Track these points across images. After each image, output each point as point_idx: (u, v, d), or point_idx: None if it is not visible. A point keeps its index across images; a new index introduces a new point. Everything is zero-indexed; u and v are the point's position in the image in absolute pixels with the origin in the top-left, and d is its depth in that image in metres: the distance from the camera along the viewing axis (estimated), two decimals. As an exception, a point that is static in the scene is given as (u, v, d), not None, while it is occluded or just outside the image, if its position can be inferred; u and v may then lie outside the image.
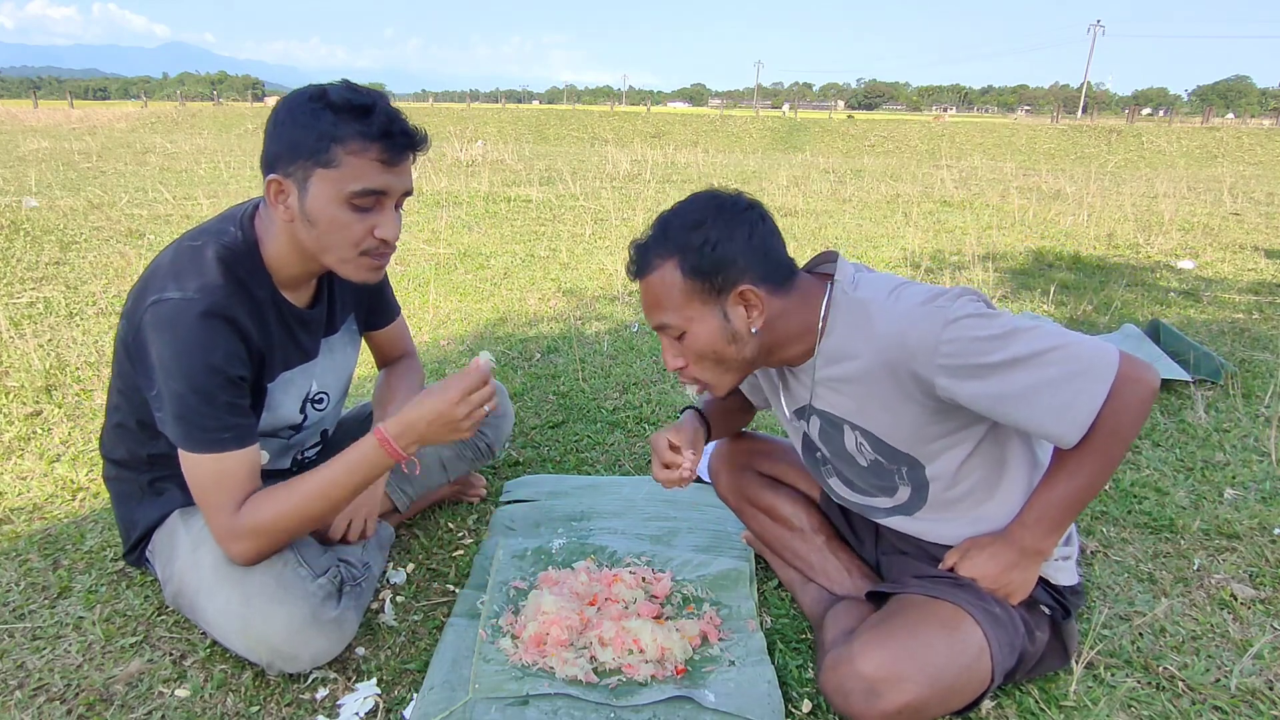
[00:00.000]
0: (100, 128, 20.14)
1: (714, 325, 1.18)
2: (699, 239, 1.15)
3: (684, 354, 1.23)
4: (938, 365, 1.08)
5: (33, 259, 4.28)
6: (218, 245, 1.25)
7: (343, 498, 1.28)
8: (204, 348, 1.18)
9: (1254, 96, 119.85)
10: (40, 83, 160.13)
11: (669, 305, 1.18)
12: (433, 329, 3.41)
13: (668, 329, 1.21)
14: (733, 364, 1.22)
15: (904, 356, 1.11)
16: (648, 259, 1.19)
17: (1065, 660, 1.30)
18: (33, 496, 1.89)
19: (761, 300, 1.17)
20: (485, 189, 7.83)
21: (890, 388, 1.16)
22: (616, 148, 16.51)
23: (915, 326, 1.10)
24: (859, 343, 1.17)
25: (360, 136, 1.16)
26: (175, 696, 1.27)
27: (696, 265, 1.15)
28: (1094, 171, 13.65)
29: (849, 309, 1.18)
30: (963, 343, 1.07)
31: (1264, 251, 5.60)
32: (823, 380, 1.24)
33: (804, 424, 1.34)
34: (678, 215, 1.19)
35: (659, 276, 1.18)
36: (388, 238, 1.24)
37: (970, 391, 1.08)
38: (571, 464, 2.19)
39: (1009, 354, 1.06)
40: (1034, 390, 1.06)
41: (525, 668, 1.32)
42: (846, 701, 1.12)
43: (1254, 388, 2.79)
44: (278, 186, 1.20)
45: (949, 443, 1.20)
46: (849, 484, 1.37)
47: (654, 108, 42.43)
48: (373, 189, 1.19)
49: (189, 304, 1.18)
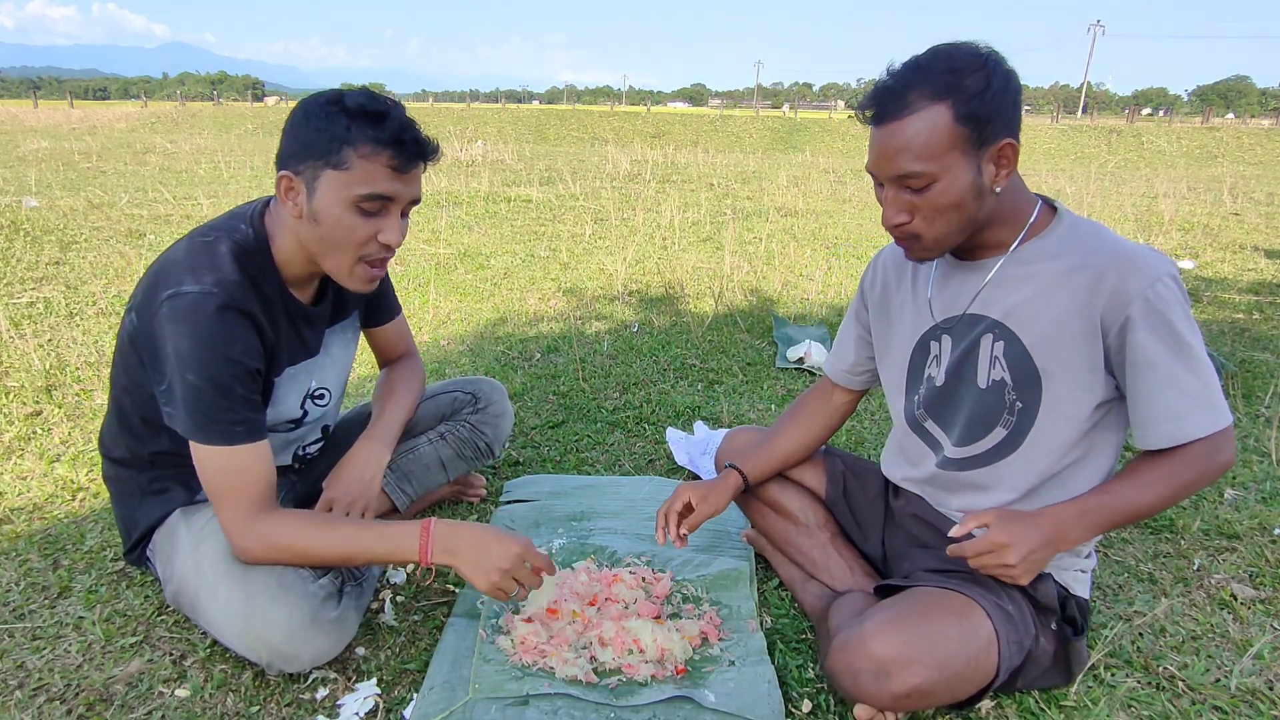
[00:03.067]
0: (100, 128, 20.14)
1: (967, 179, 1.10)
2: (978, 83, 1.06)
3: (917, 208, 1.12)
4: (1145, 294, 1.09)
5: (33, 259, 4.28)
6: (230, 241, 1.26)
7: (360, 559, 1.30)
8: (223, 340, 1.19)
9: (1254, 96, 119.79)
10: (40, 83, 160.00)
11: (925, 152, 1.07)
12: (433, 329, 3.41)
13: (913, 178, 1.10)
14: (966, 223, 1.14)
15: (1121, 268, 1.10)
16: (904, 100, 1.07)
17: (1067, 680, 1.29)
18: (33, 496, 1.89)
19: (1014, 159, 1.11)
20: (485, 189, 7.83)
21: (1078, 295, 1.14)
22: (616, 148, 16.51)
23: (1145, 254, 1.12)
24: (1074, 247, 1.16)
25: (372, 141, 1.17)
26: (175, 696, 1.27)
27: (972, 111, 1.06)
28: (1094, 171, 13.65)
29: (1074, 222, 1.19)
30: (1175, 295, 1.10)
31: (1264, 251, 5.60)
32: (1003, 275, 1.21)
33: (934, 345, 1.31)
34: (939, 59, 1.09)
35: (919, 120, 1.07)
36: (391, 243, 1.25)
37: (1140, 339, 1.10)
38: (571, 464, 2.19)
39: (1190, 338, 1.10)
40: (1173, 382, 1.10)
41: (525, 668, 1.32)
42: (856, 682, 1.11)
43: (1254, 388, 2.79)
44: (288, 183, 1.22)
45: (1077, 387, 1.18)
46: (941, 419, 1.33)
47: (654, 108, 42.43)
48: (380, 194, 1.20)
49: (208, 297, 1.19)
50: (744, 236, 5.76)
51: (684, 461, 2.17)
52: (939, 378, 1.31)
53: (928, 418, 1.36)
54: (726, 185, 9.17)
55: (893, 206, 1.14)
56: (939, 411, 1.34)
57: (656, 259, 4.95)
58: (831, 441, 1.65)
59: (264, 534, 1.24)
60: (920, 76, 1.08)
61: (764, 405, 2.63)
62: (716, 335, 3.42)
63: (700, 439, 2.26)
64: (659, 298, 4.03)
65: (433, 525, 1.27)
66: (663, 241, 5.47)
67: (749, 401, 2.66)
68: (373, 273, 1.29)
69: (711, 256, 5.04)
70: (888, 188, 1.14)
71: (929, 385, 1.34)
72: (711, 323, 3.58)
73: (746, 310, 3.79)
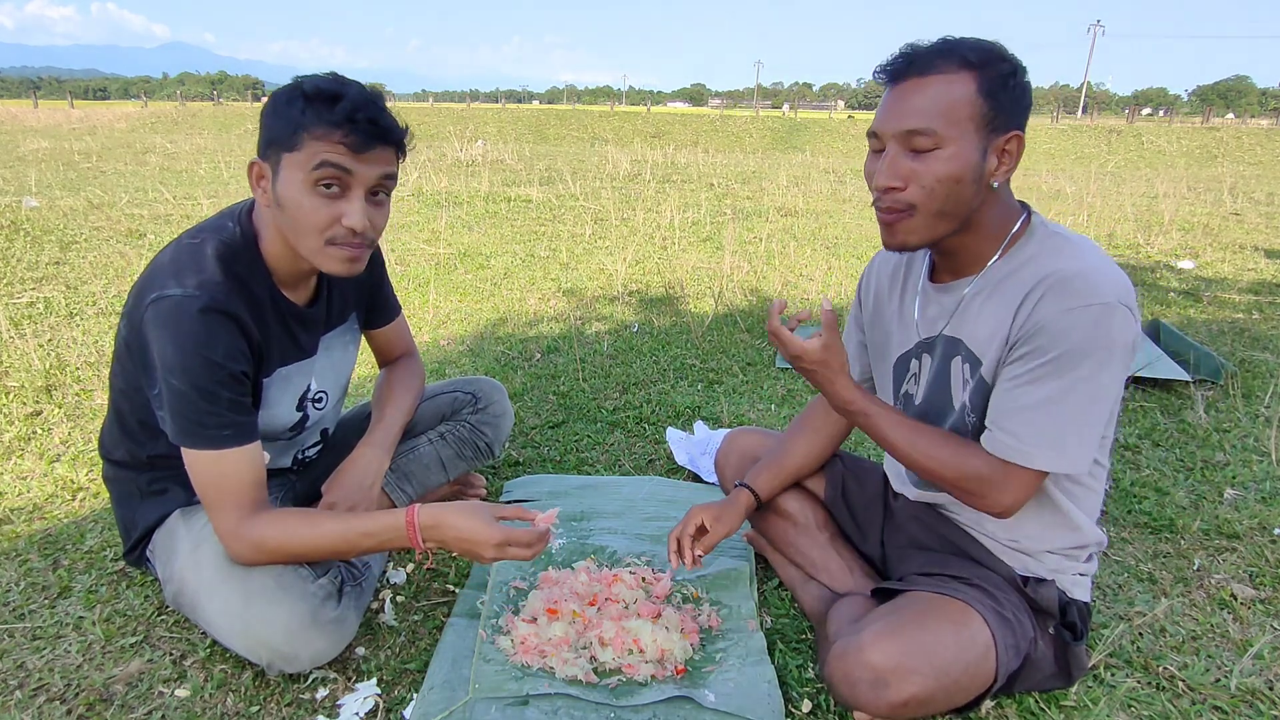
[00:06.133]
0: (100, 128, 20.14)
1: (973, 157, 1.08)
2: (1006, 69, 1.07)
3: (914, 176, 1.09)
4: (1057, 318, 1.06)
5: (33, 259, 4.28)
6: (217, 242, 1.26)
7: (352, 553, 1.29)
8: (205, 344, 1.18)
9: (1254, 96, 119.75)
10: (40, 83, 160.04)
11: (941, 112, 1.06)
12: (433, 329, 3.41)
13: (920, 136, 1.07)
14: (956, 208, 1.11)
15: (1047, 294, 1.08)
16: (933, 62, 1.07)
17: (1067, 683, 1.29)
18: (33, 496, 1.89)
19: (1017, 156, 1.11)
20: (485, 189, 7.83)
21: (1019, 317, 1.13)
22: (616, 148, 16.51)
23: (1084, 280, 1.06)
24: (1035, 266, 1.14)
25: (326, 123, 1.16)
26: (175, 696, 1.27)
27: (995, 91, 1.06)
28: (1094, 171, 13.65)
29: (1043, 237, 1.16)
30: (1088, 323, 1.04)
31: (1264, 251, 5.60)
32: (972, 297, 1.20)
33: (914, 364, 1.32)
34: (969, 41, 1.10)
35: (945, 80, 1.06)
36: (355, 226, 1.20)
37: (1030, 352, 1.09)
38: (571, 464, 2.19)
39: (1082, 369, 1.06)
40: (1046, 404, 1.08)
41: (525, 668, 1.32)
42: (853, 691, 1.11)
43: (1254, 388, 2.79)
44: (258, 170, 1.23)
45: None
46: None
47: (654, 108, 42.43)
48: (328, 162, 1.16)
49: (189, 300, 1.18)
50: (744, 236, 5.76)
51: (684, 461, 2.17)
52: (917, 396, 1.33)
53: None
54: (726, 185, 9.16)
55: (890, 168, 1.10)
56: None
57: (656, 259, 4.95)
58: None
59: (254, 538, 1.24)
60: (951, 48, 1.09)
61: (764, 405, 2.63)
62: (716, 335, 3.42)
63: (700, 439, 2.26)
64: (659, 298, 4.03)
65: (416, 516, 1.25)
66: (663, 241, 5.46)
67: (749, 401, 2.66)
68: (348, 253, 1.24)
69: (711, 256, 5.04)
70: (890, 146, 1.11)
71: (908, 403, 1.35)
72: (711, 323, 3.58)
73: (746, 310, 3.79)
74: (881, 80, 1.14)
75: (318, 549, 1.27)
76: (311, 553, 1.27)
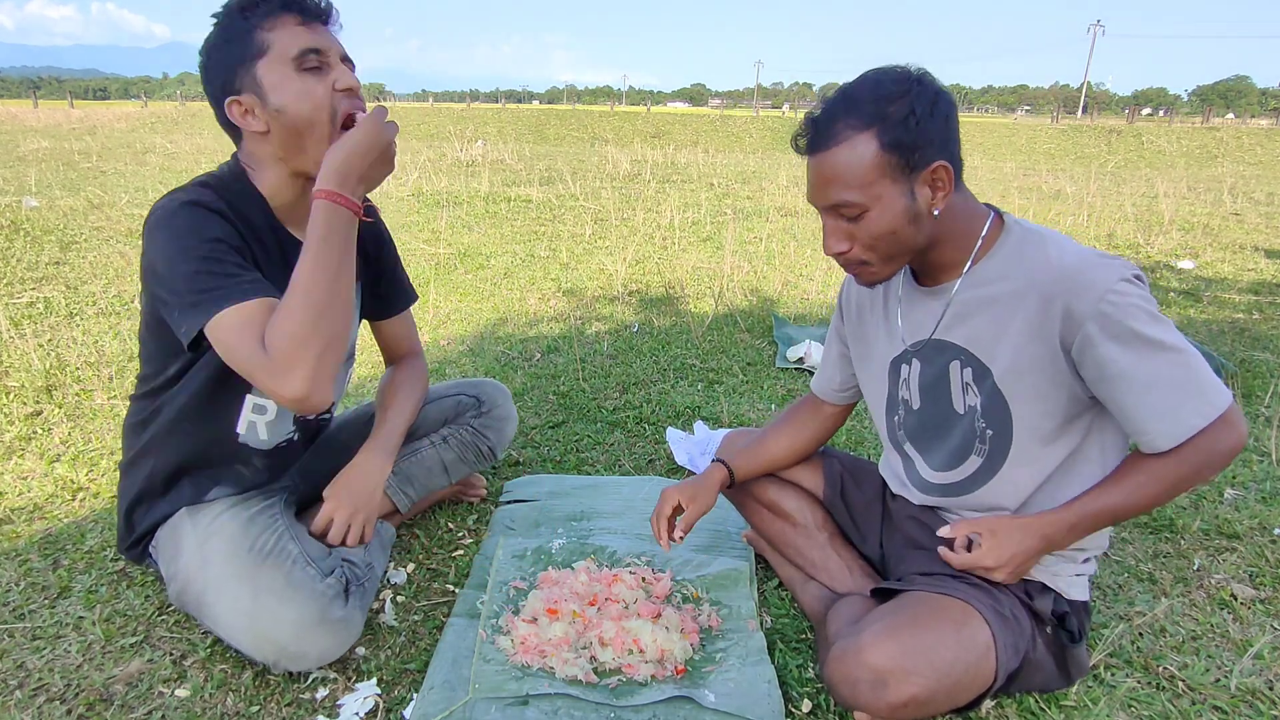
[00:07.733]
0: (100, 128, 20.13)
1: (900, 205, 1.11)
2: (902, 110, 1.07)
3: (855, 236, 1.14)
4: (1098, 309, 1.06)
5: (33, 259, 4.28)
6: (205, 177, 1.30)
7: (333, 267, 1.19)
8: (199, 228, 1.20)
9: (1254, 96, 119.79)
10: (40, 83, 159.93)
11: (854, 181, 1.10)
12: (433, 329, 3.41)
13: (845, 208, 1.12)
14: (905, 248, 1.15)
15: (1067, 289, 1.08)
16: (832, 130, 1.10)
17: (1067, 683, 1.29)
18: (33, 496, 1.89)
19: (949, 181, 1.12)
20: (485, 189, 7.83)
21: (1032, 320, 1.13)
22: (616, 148, 16.51)
23: (1092, 266, 1.08)
24: (1020, 266, 1.15)
25: (269, 14, 1.22)
26: (175, 696, 1.27)
27: (898, 139, 1.08)
28: (1094, 171, 13.65)
29: (1021, 235, 1.17)
30: (1130, 300, 1.06)
31: (1264, 251, 5.60)
32: (962, 300, 1.20)
33: (904, 369, 1.32)
34: (866, 86, 1.11)
35: (847, 150, 1.09)
36: (350, 85, 1.25)
37: (1106, 354, 1.07)
38: (571, 464, 2.19)
39: (1158, 335, 1.06)
40: (1157, 382, 1.07)
41: (525, 668, 1.32)
42: (853, 692, 1.11)
43: (1254, 388, 2.79)
44: (240, 107, 1.25)
45: (1046, 407, 1.17)
46: (920, 443, 1.34)
47: (654, 108, 42.42)
48: (310, 48, 1.23)
49: (175, 199, 1.22)
50: (744, 236, 5.76)
51: (684, 461, 2.17)
52: (913, 401, 1.33)
53: (906, 440, 1.37)
54: (726, 185, 9.16)
55: (832, 235, 1.17)
56: (918, 436, 1.35)
57: (656, 259, 4.95)
58: (831, 441, 1.65)
59: (276, 355, 1.13)
60: (847, 106, 1.11)
61: (764, 405, 2.63)
62: (716, 335, 3.42)
63: (700, 439, 2.26)
64: (659, 298, 4.03)
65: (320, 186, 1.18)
66: (663, 241, 5.47)
67: (749, 401, 2.66)
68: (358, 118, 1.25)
69: (711, 256, 5.04)
70: (825, 217, 1.17)
71: (906, 409, 1.35)
72: (711, 323, 3.58)
73: (746, 310, 3.79)
74: (797, 151, 1.18)
75: (313, 295, 1.16)
76: (314, 303, 1.16)
